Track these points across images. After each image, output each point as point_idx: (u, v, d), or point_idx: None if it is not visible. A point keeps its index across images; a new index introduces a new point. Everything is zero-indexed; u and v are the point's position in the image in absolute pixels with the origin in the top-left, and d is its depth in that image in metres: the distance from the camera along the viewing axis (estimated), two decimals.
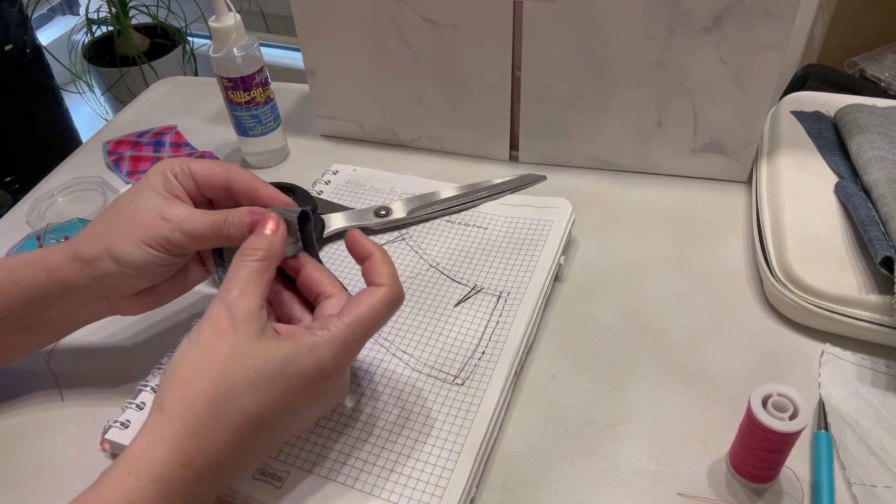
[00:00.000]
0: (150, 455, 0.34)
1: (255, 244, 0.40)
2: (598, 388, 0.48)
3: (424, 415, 0.45)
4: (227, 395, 0.35)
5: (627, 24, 0.58)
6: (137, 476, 0.34)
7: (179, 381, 0.36)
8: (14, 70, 1.55)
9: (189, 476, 0.34)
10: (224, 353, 0.36)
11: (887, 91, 1.21)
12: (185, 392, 0.35)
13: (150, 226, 0.42)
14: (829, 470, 0.42)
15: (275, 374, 0.36)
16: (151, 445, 0.34)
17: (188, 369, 0.36)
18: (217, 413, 0.35)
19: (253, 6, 1.88)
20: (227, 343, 0.36)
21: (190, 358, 0.36)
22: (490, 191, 0.62)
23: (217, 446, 0.35)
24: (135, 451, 0.34)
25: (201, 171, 0.45)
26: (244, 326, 0.37)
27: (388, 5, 0.63)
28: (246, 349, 0.36)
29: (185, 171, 0.44)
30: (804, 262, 0.51)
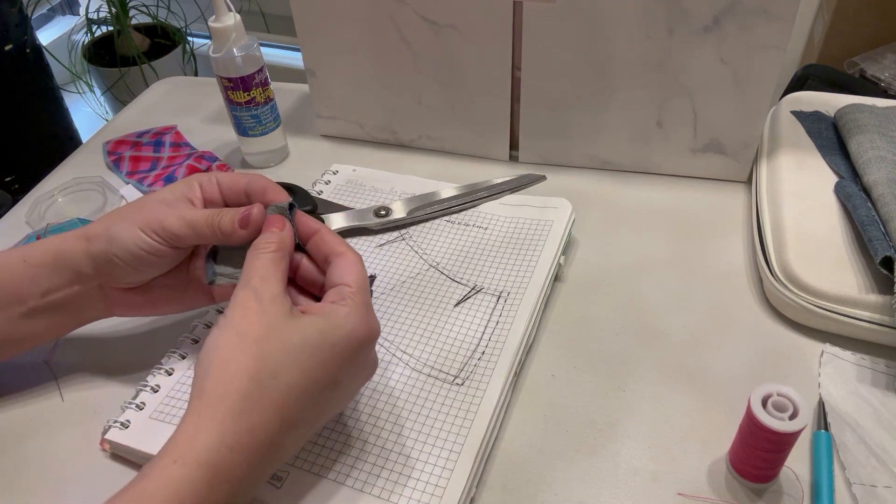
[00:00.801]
0: (195, 442, 0.33)
1: (267, 238, 0.41)
2: (598, 388, 0.48)
3: (424, 415, 0.45)
4: (268, 370, 0.35)
5: (627, 23, 0.58)
6: (184, 464, 0.33)
7: (217, 365, 0.35)
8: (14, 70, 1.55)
9: (237, 460, 0.34)
10: (258, 333, 0.36)
11: (887, 91, 1.21)
12: (225, 374, 0.35)
13: (150, 212, 0.44)
14: (829, 470, 0.42)
15: (314, 347, 0.36)
16: (198, 431, 0.34)
17: (224, 352, 0.36)
18: (260, 390, 0.35)
19: (253, 6, 1.88)
20: (259, 323, 0.36)
21: (223, 341, 0.36)
22: (490, 191, 0.62)
23: (263, 425, 0.35)
24: (180, 440, 0.34)
25: (226, 180, 0.47)
26: (272, 307, 0.37)
27: (388, 5, 0.63)
28: (280, 326, 0.36)
29: (211, 180, 0.46)
30: (804, 262, 0.51)
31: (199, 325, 0.52)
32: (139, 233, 0.43)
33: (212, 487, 0.33)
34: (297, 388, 0.36)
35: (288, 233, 0.42)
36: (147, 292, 0.47)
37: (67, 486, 0.45)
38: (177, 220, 0.43)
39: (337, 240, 0.43)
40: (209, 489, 0.33)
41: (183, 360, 0.50)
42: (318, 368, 0.37)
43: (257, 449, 0.35)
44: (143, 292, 0.47)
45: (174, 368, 0.49)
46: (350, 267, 0.41)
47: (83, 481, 0.45)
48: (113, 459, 0.46)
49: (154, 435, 0.45)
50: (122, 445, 0.45)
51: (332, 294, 0.40)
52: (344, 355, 0.38)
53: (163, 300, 0.48)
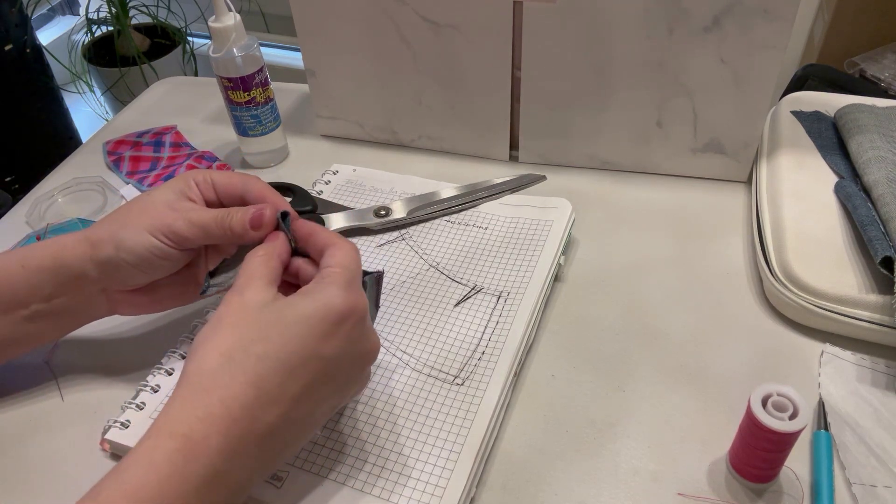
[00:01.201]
0: (168, 414, 0.35)
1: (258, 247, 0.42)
2: (598, 388, 0.48)
3: (424, 415, 0.45)
4: (239, 346, 0.36)
5: (627, 24, 0.58)
6: (156, 436, 0.34)
7: (192, 349, 0.37)
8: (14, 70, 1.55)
9: (212, 432, 0.34)
10: (234, 317, 0.37)
11: (887, 91, 1.20)
12: (197, 354, 0.36)
13: (156, 215, 0.44)
14: (829, 470, 0.42)
15: (288, 321, 0.37)
16: (170, 407, 0.35)
17: (199, 337, 0.37)
18: (230, 363, 0.35)
19: (253, 6, 1.88)
20: (238, 310, 0.38)
21: (204, 334, 0.37)
22: (490, 191, 0.62)
23: (238, 398, 0.34)
24: (156, 419, 0.35)
25: (222, 180, 0.47)
26: (254, 296, 0.38)
27: (388, 5, 0.63)
28: (256, 310, 0.37)
29: (206, 180, 0.46)
30: (804, 262, 0.51)
31: (199, 325, 0.52)
32: (149, 237, 0.43)
33: (187, 458, 0.33)
34: (270, 359, 0.36)
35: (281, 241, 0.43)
36: (152, 292, 0.47)
37: (67, 486, 0.45)
38: (185, 223, 0.43)
39: (329, 234, 0.43)
40: (185, 460, 0.33)
41: (183, 360, 0.50)
42: (293, 340, 0.36)
43: (234, 422, 0.34)
44: (148, 292, 0.47)
45: (174, 368, 0.49)
46: (337, 252, 0.41)
47: (83, 481, 0.45)
48: (113, 459, 0.46)
49: None
50: (122, 445, 0.45)
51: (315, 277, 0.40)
52: (322, 326, 0.37)
53: (167, 297, 0.48)
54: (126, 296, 0.47)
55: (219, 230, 0.44)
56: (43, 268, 0.44)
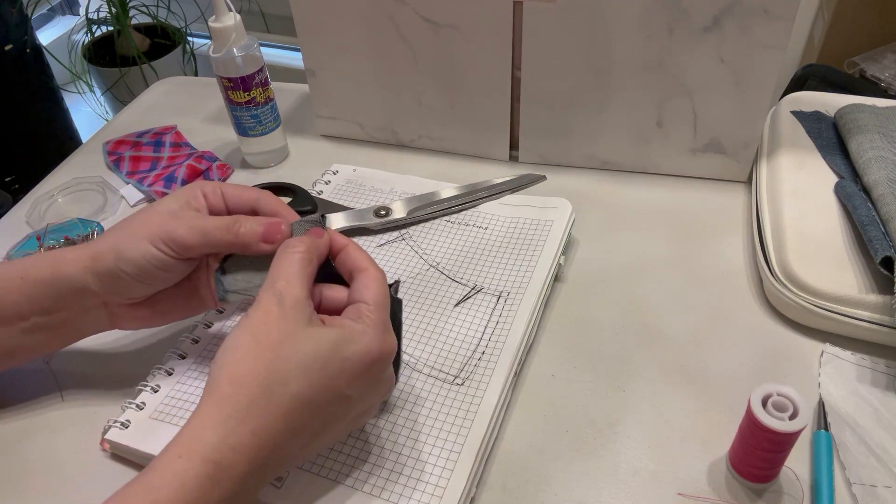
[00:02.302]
0: (201, 437, 0.34)
1: (296, 241, 0.41)
2: (598, 388, 0.48)
3: (424, 415, 0.45)
4: (278, 378, 0.36)
5: (627, 24, 0.58)
6: (188, 458, 0.34)
7: (231, 365, 0.36)
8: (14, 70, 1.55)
9: (239, 459, 0.35)
10: (275, 339, 0.36)
11: (887, 91, 1.20)
12: (236, 375, 0.36)
13: (157, 223, 0.43)
14: (829, 470, 0.42)
15: (326, 359, 0.37)
16: (203, 428, 0.35)
17: (240, 355, 0.36)
18: (268, 396, 0.35)
19: (253, 6, 1.88)
20: (277, 328, 0.37)
21: (241, 344, 0.37)
22: (490, 191, 0.62)
23: (266, 429, 0.35)
24: (185, 434, 0.35)
25: (233, 192, 0.46)
26: (293, 313, 0.37)
27: (388, 5, 0.63)
28: (296, 334, 0.37)
29: (215, 191, 0.46)
30: (804, 262, 0.51)
31: (200, 326, 0.52)
32: (148, 246, 0.42)
33: (214, 483, 0.34)
34: (304, 398, 0.36)
35: (324, 240, 0.42)
36: (153, 305, 0.46)
37: (68, 486, 0.45)
38: (187, 230, 0.42)
39: (362, 255, 0.42)
40: (211, 484, 0.34)
41: (183, 361, 0.50)
42: (326, 381, 0.37)
43: (259, 451, 0.35)
44: (149, 305, 0.46)
45: (174, 368, 0.49)
46: (370, 283, 0.40)
47: (83, 481, 0.45)
48: (113, 459, 0.46)
49: (154, 435, 0.45)
50: (122, 445, 0.45)
51: (350, 311, 0.40)
52: (355, 370, 0.38)
53: (168, 311, 0.47)
54: (127, 309, 0.46)
55: (225, 237, 0.43)
56: (42, 280, 0.43)
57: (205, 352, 0.50)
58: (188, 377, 0.49)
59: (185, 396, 0.47)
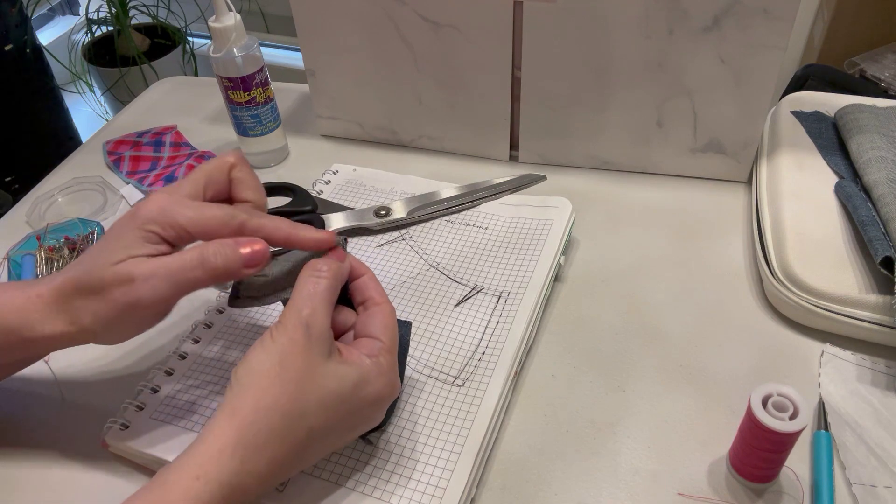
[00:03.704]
0: (220, 462, 0.35)
1: (322, 265, 0.40)
2: (598, 388, 0.48)
3: (424, 415, 0.45)
4: (298, 412, 0.37)
5: (627, 23, 0.58)
6: (206, 481, 0.34)
7: (256, 391, 0.36)
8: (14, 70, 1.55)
9: (252, 483, 0.36)
10: (300, 370, 0.37)
11: (887, 91, 1.20)
12: (261, 403, 0.36)
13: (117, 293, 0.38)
14: (829, 470, 0.42)
15: (344, 398, 0.38)
16: (222, 452, 0.35)
17: (266, 381, 0.36)
18: (288, 428, 0.36)
19: (253, 6, 1.88)
20: (303, 359, 0.37)
21: (268, 369, 0.37)
22: (490, 191, 0.62)
23: (281, 458, 0.36)
24: (204, 456, 0.35)
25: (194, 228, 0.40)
26: (318, 346, 0.38)
27: (387, 5, 0.63)
28: (320, 370, 0.37)
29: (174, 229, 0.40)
30: (804, 262, 0.51)
31: (200, 326, 0.52)
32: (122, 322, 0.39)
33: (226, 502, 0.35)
34: (319, 431, 0.38)
35: (346, 266, 0.42)
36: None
37: (67, 486, 0.45)
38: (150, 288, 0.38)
39: (380, 289, 0.43)
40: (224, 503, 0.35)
41: (183, 361, 0.50)
42: (342, 417, 0.38)
43: (271, 476, 0.37)
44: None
45: (174, 368, 0.49)
46: (388, 321, 0.41)
47: (83, 481, 0.45)
48: (113, 459, 0.46)
49: (154, 435, 0.45)
50: (122, 445, 0.45)
51: (365, 345, 0.40)
52: (366, 409, 0.39)
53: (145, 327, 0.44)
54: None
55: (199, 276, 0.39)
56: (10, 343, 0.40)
57: (205, 352, 0.50)
58: (188, 377, 0.49)
59: (185, 397, 0.47)
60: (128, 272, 0.38)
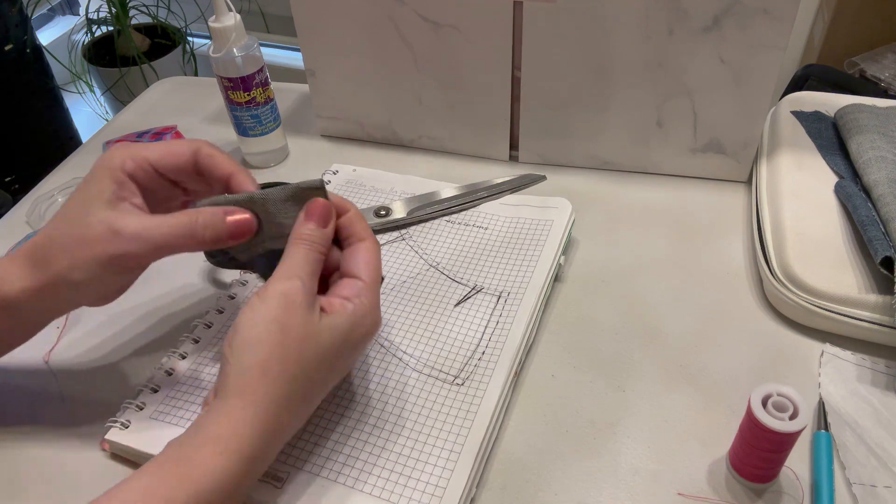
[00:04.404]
0: (241, 436, 0.36)
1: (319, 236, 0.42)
2: (598, 388, 0.48)
3: (424, 415, 0.45)
4: (305, 374, 0.39)
5: (627, 23, 0.58)
6: (228, 456, 0.35)
7: (261, 360, 0.37)
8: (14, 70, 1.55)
9: (269, 446, 0.38)
10: (300, 334, 0.38)
11: (887, 91, 1.20)
12: (269, 373, 0.37)
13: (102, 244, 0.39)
14: (829, 470, 0.42)
15: (339, 348, 0.40)
16: (243, 426, 0.36)
17: (269, 348, 0.37)
18: (296, 391, 0.38)
19: (253, 6, 1.88)
20: (301, 324, 0.38)
21: (269, 336, 0.38)
22: (490, 191, 0.62)
23: (291, 416, 0.39)
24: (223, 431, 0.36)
25: (160, 160, 0.42)
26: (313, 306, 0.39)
27: (387, 5, 0.63)
28: (316, 328, 0.39)
29: (141, 166, 0.41)
30: (804, 262, 0.51)
31: (200, 325, 0.52)
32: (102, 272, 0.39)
33: (246, 475, 0.36)
34: (321, 382, 0.40)
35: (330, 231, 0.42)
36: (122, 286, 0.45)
37: (68, 486, 0.45)
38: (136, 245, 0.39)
39: (363, 224, 0.44)
40: (245, 477, 0.36)
41: (183, 360, 0.50)
42: (337, 362, 0.41)
43: (283, 436, 0.39)
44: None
45: (174, 368, 0.49)
46: (368, 257, 0.42)
47: (83, 481, 0.45)
48: (113, 459, 0.46)
49: (154, 435, 0.45)
50: (122, 445, 0.45)
51: (347, 286, 0.41)
52: (358, 350, 0.42)
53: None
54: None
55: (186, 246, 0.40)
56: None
57: (205, 352, 0.50)
58: (188, 377, 0.49)
59: (186, 397, 0.47)
60: (114, 227, 0.39)
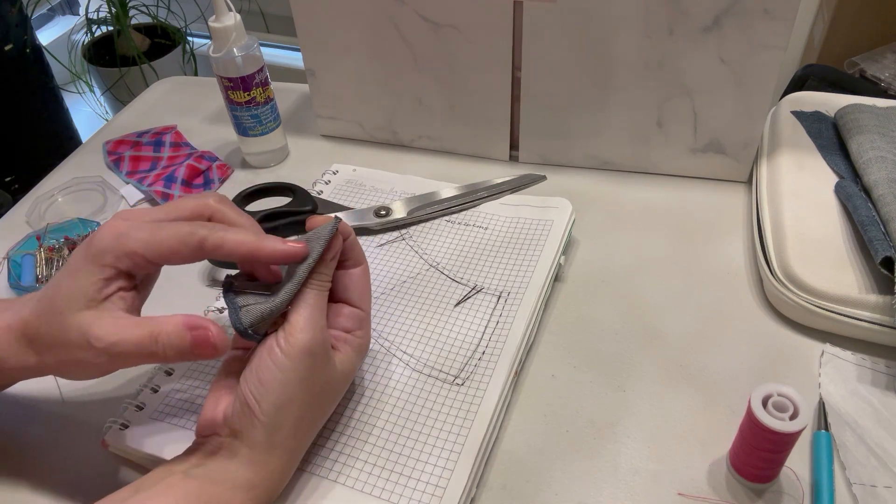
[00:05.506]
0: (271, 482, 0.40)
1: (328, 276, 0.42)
2: (598, 388, 0.48)
3: (424, 415, 0.45)
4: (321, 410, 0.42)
5: (627, 23, 0.58)
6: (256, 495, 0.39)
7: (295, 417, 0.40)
8: (14, 70, 1.55)
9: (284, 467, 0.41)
10: (323, 386, 0.41)
11: (887, 91, 1.20)
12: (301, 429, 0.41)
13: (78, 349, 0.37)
14: (829, 470, 0.42)
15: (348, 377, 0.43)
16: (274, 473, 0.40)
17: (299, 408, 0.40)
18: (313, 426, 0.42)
19: (253, 6, 1.88)
20: (324, 377, 0.41)
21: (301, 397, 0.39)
22: (490, 191, 0.62)
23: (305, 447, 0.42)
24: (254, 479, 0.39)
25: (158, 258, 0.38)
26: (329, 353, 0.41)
27: (387, 5, 0.63)
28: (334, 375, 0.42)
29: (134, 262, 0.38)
30: (804, 262, 0.51)
31: None
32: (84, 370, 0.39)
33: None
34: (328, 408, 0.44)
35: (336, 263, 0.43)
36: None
37: (67, 486, 0.45)
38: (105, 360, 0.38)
39: (359, 248, 0.45)
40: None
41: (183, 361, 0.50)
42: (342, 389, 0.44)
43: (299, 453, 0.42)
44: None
45: (174, 369, 0.49)
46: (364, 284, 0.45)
47: (83, 481, 0.45)
48: (113, 459, 0.46)
49: (154, 435, 0.45)
50: (122, 445, 0.45)
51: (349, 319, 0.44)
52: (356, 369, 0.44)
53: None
54: None
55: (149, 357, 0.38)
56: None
57: None
58: (188, 377, 0.49)
59: (185, 397, 0.47)
60: (86, 338, 0.37)
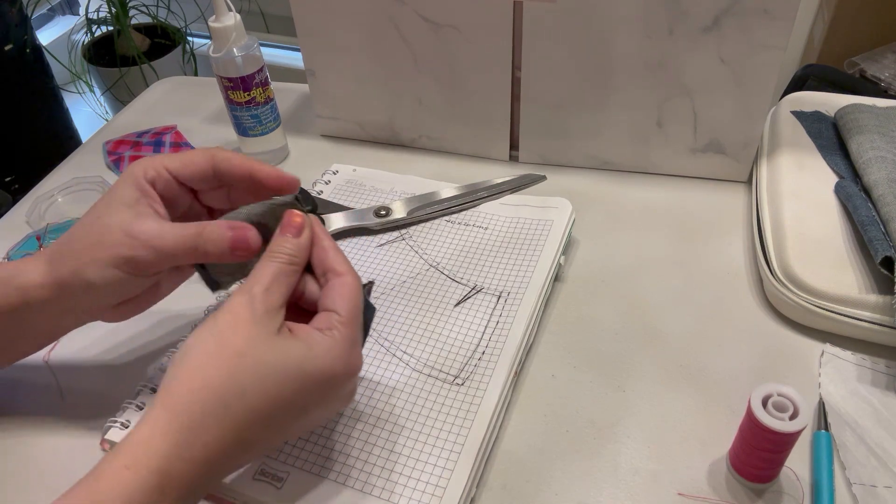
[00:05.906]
0: (149, 447, 0.33)
1: (283, 248, 0.39)
2: (598, 388, 0.48)
3: (424, 415, 0.45)
4: (236, 390, 0.34)
5: (627, 23, 0.58)
6: (136, 470, 0.32)
7: (189, 370, 0.35)
8: (14, 70, 1.55)
9: (189, 469, 0.34)
10: (239, 347, 0.35)
11: (887, 91, 1.20)
12: (192, 384, 0.34)
13: (117, 246, 0.40)
14: (829, 470, 0.42)
15: (287, 374, 0.36)
16: (153, 437, 0.33)
17: (200, 359, 0.35)
18: (223, 408, 0.34)
19: (253, 6, 1.88)
20: (244, 336, 0.35)
21: (204, 347, 0.35)
22: (490, 191, 0.62)
23: (219, 441, 0.34)
24: (134, 442, 0.33)
25: (181, 169, 0.43)
26: (263, 320, 0.36)
27: (387, 5, 0.63)
28: (262, 345, 0.35)
29: (161, 175, 0.42)
30: (804, 262, 0.51)
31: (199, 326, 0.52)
32: (115, 272, 0.40)
33: (162, 493, 0.33)
34: (261, 412, 0.35)
35: (305, 241, 0.40)
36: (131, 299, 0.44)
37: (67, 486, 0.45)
38: (147, 252, 0.40)
39: (340, 257, 0.41)
40: (159, 494, 0.33)
41: None
42: (286, 396, 0.36)
43: (208, 461, 0.34)
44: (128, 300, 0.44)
45: None
46: (345, 291, 0.39)
47: None
48: None
49: None
50: None
51: (320, 320, 0.38)
52: (317, 388, 0.37)
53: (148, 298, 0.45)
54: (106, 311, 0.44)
55: (191, 256, 0.40)
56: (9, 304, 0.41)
57: None
58: None
59: None
60: (130, 230, 0.40)
